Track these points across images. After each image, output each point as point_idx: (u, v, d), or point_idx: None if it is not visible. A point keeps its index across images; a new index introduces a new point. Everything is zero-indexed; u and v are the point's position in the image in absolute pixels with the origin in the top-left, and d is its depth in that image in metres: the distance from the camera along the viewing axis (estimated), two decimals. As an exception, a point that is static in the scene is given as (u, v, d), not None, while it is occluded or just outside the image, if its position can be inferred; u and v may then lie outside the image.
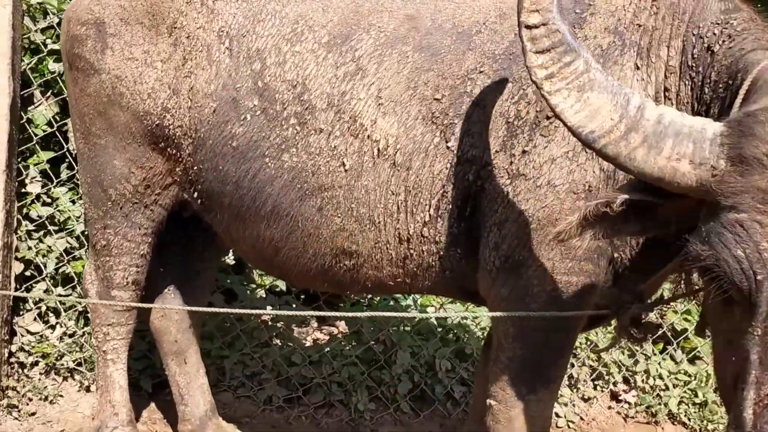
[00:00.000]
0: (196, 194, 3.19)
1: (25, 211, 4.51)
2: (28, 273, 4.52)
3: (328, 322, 5.74)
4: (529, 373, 2.75)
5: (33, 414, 4.27)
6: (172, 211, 3.40)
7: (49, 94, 4.61)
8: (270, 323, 5.10)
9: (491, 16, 2.78)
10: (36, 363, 4.49)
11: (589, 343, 5.25)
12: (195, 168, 3.11)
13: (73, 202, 4.60)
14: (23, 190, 4.52)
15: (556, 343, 2.76)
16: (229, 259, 5.04)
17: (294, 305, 5.28)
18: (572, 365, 5.16)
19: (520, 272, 2.70)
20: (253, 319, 4.94)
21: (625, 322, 2.63)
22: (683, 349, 5.41)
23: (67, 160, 4.60)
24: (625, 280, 2.68)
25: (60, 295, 4.43)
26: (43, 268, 4.50)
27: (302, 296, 5.39)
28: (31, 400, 4.35)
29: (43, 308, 4.56)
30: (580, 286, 2.63)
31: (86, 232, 4.15)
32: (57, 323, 4.56)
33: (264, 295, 5.25)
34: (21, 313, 4.55)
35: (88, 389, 4.48)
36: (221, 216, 3.16)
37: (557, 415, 4.98)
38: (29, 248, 4.49)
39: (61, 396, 4.43)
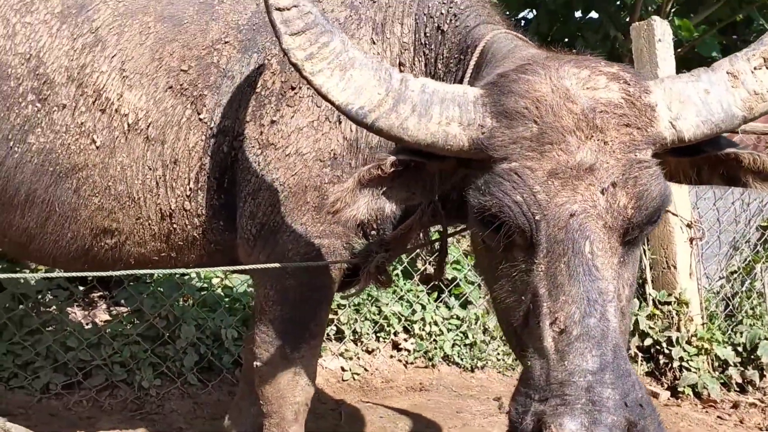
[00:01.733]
0: None
1: None
2: None
3: (116, 303, 5.55)
4: (291, 333, 2.86)
5: None
6: None
7: None
8: (42, 309, 4.83)
9: None
10: None
11: (370, 298, 5.54)
12: None
13: None
14: None
15: (314, 301, 2.88)
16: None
17: (69, 288, 5.05)
18: (356, 321, 5.42)
19: (276, 238, 2.78)
20: (21, 306, 4.65)
21: (372, 269, 2.78)
22: (455, 296, 5.87)
23: None
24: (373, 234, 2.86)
25: None
26: None
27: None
28: None
29: None
30: (332, 247, 2.77)
31: None
32: None
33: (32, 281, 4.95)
34: None
35: None
36: None
37: (343, 369, 5.22)
38: None
39: None
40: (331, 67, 2.02)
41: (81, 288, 5.44)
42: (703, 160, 2.08)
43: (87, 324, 5.11)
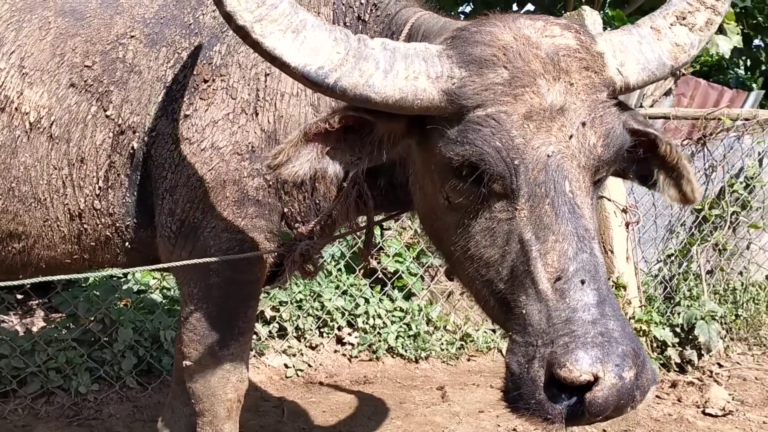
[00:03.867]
0: None
1: None
2: None
3: (56, 309, 5.43)
4: (219, 330, 2.81)
5: None
6: None
7: None
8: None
9: None
10: None
11: (313, 294, 5.50)
12: None
13: None
14: None
15: (240, 297, 2.84)
16: None
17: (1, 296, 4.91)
18: (298, 317, 5.38)
19: (197, 235, 2.73)
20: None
21: (296, 258, 2.75)
22: (399, 288, 5.87)
23: None
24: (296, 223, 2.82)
25: None
26: None
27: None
28: None
29: None
30: (255, 241, 2.73)
31: None
32: None
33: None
34: None
35: None
36: None
37: (286, 366, 5.19)
38: None
39: None
40: (281, 29, 1.92)
41: (19, 296, 5.31)
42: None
43: (22, 332, 4.98)
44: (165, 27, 2.66)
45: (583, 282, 1.79)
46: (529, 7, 9.62)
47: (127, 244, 2.87)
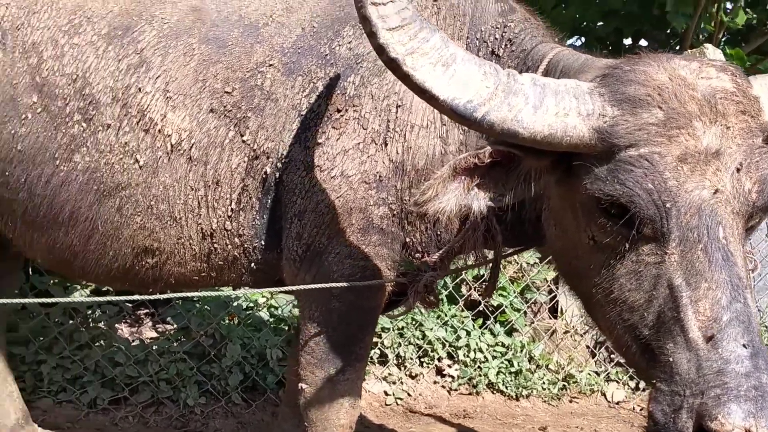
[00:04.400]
0: None
1: None
2: None
3: (161, 320, 5.64)
4: (336, 354, 2.85)
5: None
6: None
7: None
8: (91, 324, 4.93)
9: (278, 10, 2.82)
10: None
11: (414, 322, 5.50)
12: None
13: None
14: None
15: (359, 323, 2.87)
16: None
17: (118, 304, 5.14)
18: (399, 345, 5.38)
19: (321, 260, 2.78)
20: (71, 321, 4.75)
21: (419, 288, 2.76)
22: (501, 323, 5.79)
23: None
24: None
25: None
26: None
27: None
28: None
29: None
30: (377, 269, 2.76)
31: None
32: None
33: (83, 295, 5.06)
34: None
35: None
36: (13, 224, 2.98)
37: (386, 393, 5.18)
38: None
39: None
40: (432, 62, 1.94)
41: (129, 305, 5.53)
42: None
43: (134, 341, 5.19)
44: (302, 57, 2.74)
45: (736, 333, 1.73)
46: (643, 42, 9.38)
47: (252, 264, 2.95)
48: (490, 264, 2.87)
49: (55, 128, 2.76)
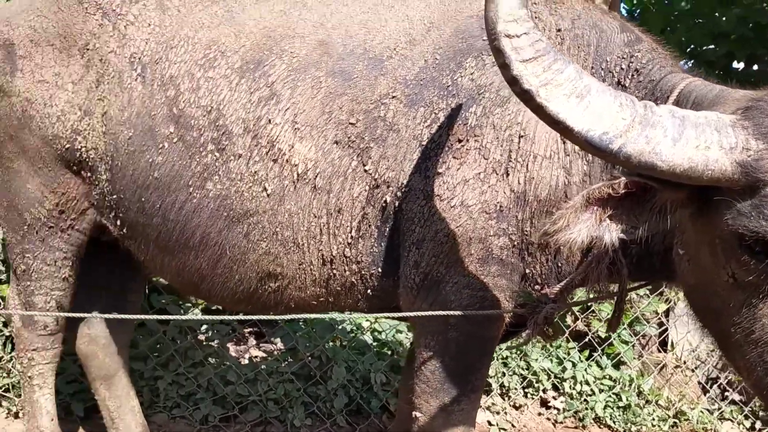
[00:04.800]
0: (117, 222, 3.17)
1: (-51, 236, 4.43)
2: (-46, 298, 4.45)
3: (266, 340, 5.78)
4: (452, 384, 2.84)
5: (-40, 442, 4.21)
6: (91, 235, 3.36)
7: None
8: (204, 342, 5.10)
9: (401, 42, 2.87)
10: (-37, 390, 4.42)
11: (519, 352, 5.42)
12: (114, 196, 3.09)
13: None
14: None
15: (475, 352, 2.86)
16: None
17: (230, 324, 5.30)
18: (503, 374, 5.31)
19: (439, 288, 2.80)
20: (188, 338, 4.94)
21: (539, 320, 2.71)
22: (608, 355, 5.62)
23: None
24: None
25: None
26: (-32, 293, 4.43)
27: (239, 313, 5.41)
28: (-43, 427, 4.28)
29: (-31, 334, 4.49)
30: (496, 299, 2.75)
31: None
32: (-18, 349, 4.49)
33: (198, 314, 5.26)
34: (-53, 340, 4.46)
35: (16, 415, 4.43)
36: (146, 247, 3.15)
37: (489, 424, 5.11)
38: (-45, 274, 4.42)
39: (-11, 423, 4.37)
40: (566, 93, 1.94)
41: (241, 325, 5.70)
42: None
43: (239, 357, 5.34)
44: (424, 88, 2.78)
45: None
46: (755, 66, 9.00)
47: (369, 291, 2.99)
48: (613, 298, 2.80)
49: (190, 157, 2.89)
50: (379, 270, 2.93)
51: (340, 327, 5.36)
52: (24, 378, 3.55)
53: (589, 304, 5.44)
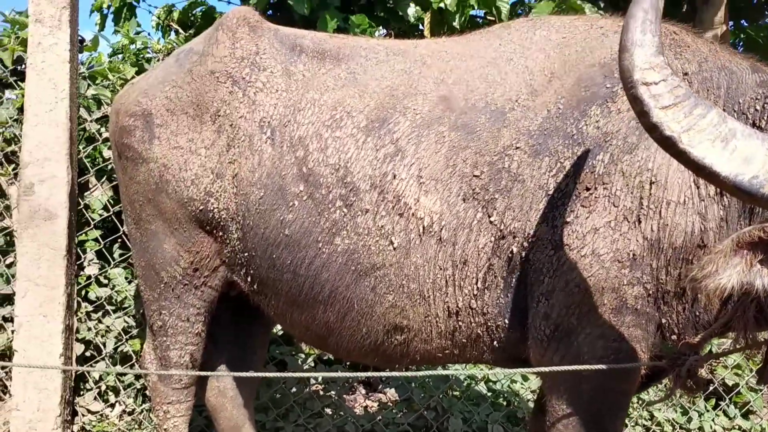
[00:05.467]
0: (248, 279, 3.27)
1: (84, 292, 4.69)
2: (88, 353, 4.68)
3: (375, 389, 5.79)
4: (586, 439, 2.78)
5: (95, 492, 4.39)
6: (222, 291, 3.48)
7: (104, 179, 4.85)
8: (322, 393, 5.16)
9: (523, 94, 2.89)
10: (97, 442, 4.61)
11: (641, 401, 5.21)
12: (245, 254, 3.20)
13: (129, 281, 4.78)
14: (81, 272, 4.71)
15: (609, 405, 2.78)
16: (278, 329, 5.15)
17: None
18: (625, 425, 5.10)
19: (570, 340, 2.75)
20: (306, 390, 5.01)
21: (682, 374, 2.63)
22: (735, 404, 5.33)
23: (119, 240, 4.79)
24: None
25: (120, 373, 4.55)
26: (102, 347, 4.65)
27: (348, 363, 5.45)
28: (93, 478, 4.46)
29: (103, 387, 4.70)
30: (630, 351, 2.67)
31: (143, 311, 4.29)
32: (116, 401, 4.69)
33: (313, 364, 5.34)
34: (81, 393, 4.69)
35: (148, 466, 4.59)
36: (276, 302, 3.24)
37: (614, 477, 4.90)
38: (89, 329, 4.65)
39: (122, 473, 4.55)
40: (710, 138, 1.92)
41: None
42: None
43: (353, 408, 5.35)
44: (548, 138, 2.78)
45: None
46: None
47: (495, 342, 2.96)
48: (761, 348, 2.67)
49: (319, 214, 2.98)
50: (506, 321, 2.91)
51: (454, 377, 5.31)
52: (160, 430, 3.68)
53: (713, 351, 5.19)
